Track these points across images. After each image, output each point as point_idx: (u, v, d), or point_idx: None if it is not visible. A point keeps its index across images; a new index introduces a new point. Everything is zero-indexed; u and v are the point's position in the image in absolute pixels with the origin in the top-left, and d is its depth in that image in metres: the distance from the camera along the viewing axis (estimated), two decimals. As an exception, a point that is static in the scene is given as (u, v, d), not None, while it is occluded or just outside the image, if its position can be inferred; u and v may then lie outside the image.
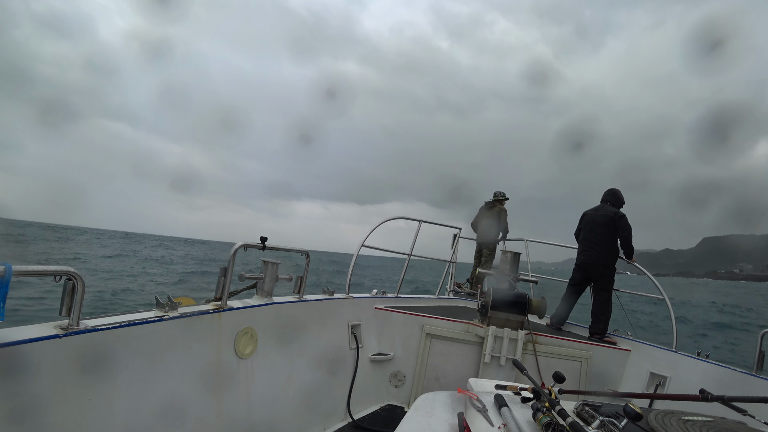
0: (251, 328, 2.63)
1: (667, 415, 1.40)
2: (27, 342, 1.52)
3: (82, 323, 1.73)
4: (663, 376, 3.56)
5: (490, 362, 3.72)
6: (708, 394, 1.39)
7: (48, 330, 1.63)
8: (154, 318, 2.04)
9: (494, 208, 7.02)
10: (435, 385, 3.81)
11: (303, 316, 3.21)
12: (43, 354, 1.57)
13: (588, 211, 4.77)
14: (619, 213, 4.55)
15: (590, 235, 4.63)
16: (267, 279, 2.91)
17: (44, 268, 1.61)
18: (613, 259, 4.53)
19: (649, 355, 3.82)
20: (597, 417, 1.24)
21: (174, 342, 2.14)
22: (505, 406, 1.42)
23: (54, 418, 1.60)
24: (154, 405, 1.98)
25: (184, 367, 2.20)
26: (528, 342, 3.79)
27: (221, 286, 2.50)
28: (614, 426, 1.17)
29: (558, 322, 4.64)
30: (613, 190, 4.71)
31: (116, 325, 1.85)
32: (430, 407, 1.69)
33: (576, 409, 1.44)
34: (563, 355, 3.83)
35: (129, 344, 1.90)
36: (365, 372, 3.73)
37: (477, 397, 1.52)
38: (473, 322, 3.96)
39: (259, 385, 2.68)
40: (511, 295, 3.95)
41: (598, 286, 4.58)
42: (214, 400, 2.35)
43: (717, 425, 1.34)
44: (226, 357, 2.47)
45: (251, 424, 2.56)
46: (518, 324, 3.82)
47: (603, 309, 4.41)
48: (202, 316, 2.31)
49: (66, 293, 1.70)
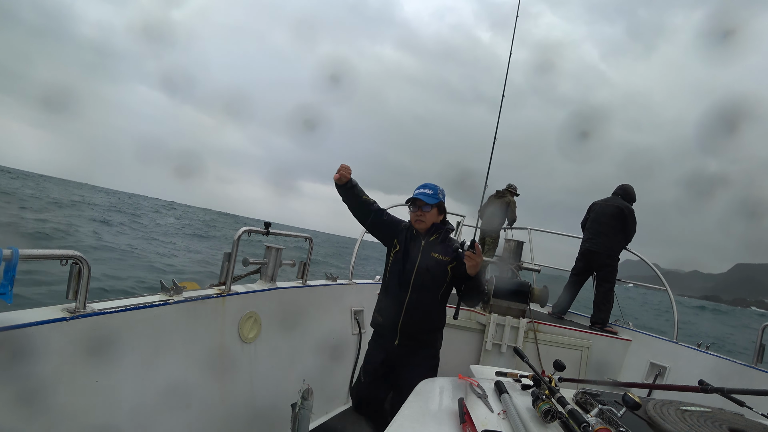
0: (255, 313, 2.65)
1: (665, 404, 1.41)
2: (34, 325, 1.54)
3: (88, 306, 1.75)
4: (663, 366, 3.58)
5: (491, 349, 3.75)
6: (707, 385, 1.40)
7: (55, 313, 1.65)
8: (159, 302, 2.06)
9: (504, 198, 6.99)
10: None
11: (306, 301, 3.23)
12: (50, 337, 1.59)
13: (597, 201, 4.74)
14: (629, 207, 4.53)
15: (596, 225, 4.61)
16: (270, 264, 2.93)
17: (51, 252, 1.62)
18: (617, 250, 4.53)
19: (649, 346, 3.83)
20: (596, 405, 1.25)
21: (178, 326, 2.17)
22: (505, 393, 1.43)
23: (61, 400, 1.63)
24: (159, 387, 2.01)
25: (189, 351, 2.23)
26: (529, 330, 3.81)
27: (225, 271, 2.52)
28: (613, 414, 1.18)
29: (560, 312, 4.65)
30: (625, 185, 4.67)
31: (122, 309, 1.87)
32: (430, 393, 1.71)
33: (575, 397, 1.46)
34: (564, 343, 3.85)
35: (134, 327, 1.93)
36: None
37: (478, 384, 1.53)
38: (475, 310, 3.98)
39: (262, 369, 2.72)
40: (513, 284, 3.96)
41: (601, 276, 4.58)
42: (217, 384, 2.39)
43: (715, 416, 1.35)
44: (229, 341, 2.50)
45: (254, 407, 2.60)
46: (520, 312, 3.84)
47: (605, 299, 4.42)
48: (206, 300, 2.34)
49: (72, 277, 1.71)
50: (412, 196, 2.45)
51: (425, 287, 2.41)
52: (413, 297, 2.40)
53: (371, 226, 2.57)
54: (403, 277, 2.42)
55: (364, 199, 2.47)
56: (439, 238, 2.49)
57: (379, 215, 2.53)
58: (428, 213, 2.44)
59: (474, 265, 2.21)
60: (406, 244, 2.48)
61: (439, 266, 2.42)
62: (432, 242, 2.47)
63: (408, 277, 2.41)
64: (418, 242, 2.47)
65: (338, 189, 2.43)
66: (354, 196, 2.45)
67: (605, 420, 1.17)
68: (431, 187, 2.47)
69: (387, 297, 2.51)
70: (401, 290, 2.42)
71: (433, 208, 2.44)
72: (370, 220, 2.51)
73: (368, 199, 2.49)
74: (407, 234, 2.51)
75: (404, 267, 2.44)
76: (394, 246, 2.52)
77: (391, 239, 2.54)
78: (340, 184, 2.40)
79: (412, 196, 2.46)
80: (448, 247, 2.47)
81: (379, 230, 2.58)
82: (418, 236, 2.48)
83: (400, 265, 2.45)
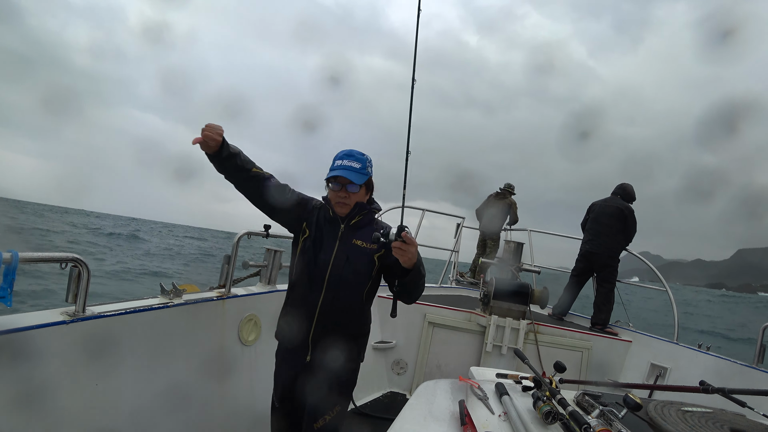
0: (255, 316, 2.65)
1: (666, 405, 1.41)
2: (34, 328, 1.54)
3: (88, 310, 1.75)
4: (663, 367, 3.57)
5: (492, 351, 3.74)
6: (708, 385, 1.40)
7: (55, 316, 1.65)
8: (159, 305, 2.06)
9: (504, 200, 6.99)
10: (437, 373, 3.84)
11: None
12: (50, 340, 1.59)
13: (597, 201, 4.74)
14: (629, 207, 4.53)
15: (597, 225, 4.61)
16: (270, 267, 2.93)
17: (50, 255, 1.62)
18: (617, 251, 4.53)
19: (649, 347, 3.83)
20: (597, 406, 1.25)
21: (178, 329, 2.17)
22: (506, 395, 1.43)
23: (62, 403, 1.63)
24: (158, 390, 2.01)
25: (189, 354, 2.22)
26: (529, 332, 3.80)
27: (225, 274, 2.52)
28: (614, 415, 1.18)
29: (560, 313, 4.65)
30: (624, 185, 4.67)
31: (122, 312, 1.87)
32: (431, 395, 1.71)
33: (576, 398, 1.46)
34: (564, 345, 3.85)
35: (134, 330, 1.93)
36: (368, 360, 3.74)
37: (478, 386, 1.53)
38: (475, 312, 3.98)
39: (262, 371, 2.71)
40: (513, 285, 3.96)
41: (601, 277, 4.57)
42: (217, 386, 2.39)
43: (716, 416, 1.35)
44: (229, 344, 2.49)
45: (254, 410, 2.59)
46: (520, 314, 3.84)
47: (605, 300, 4.42)
48: (206, 303, 2.34)
49: (72, 280, 1.71)
50: (335, 173, 1.85)
51: (344, 284, 1.86)
52: (328, 298, 1.85)
53: (270, 208, 1.91)
54: (315, 272, 1.86)
55: (254, 172, 1.85)
56: (364, 220, 1.93)
57: (280, 193, 1.91)
58: (355, 194, 1.87)
59: (408, 258, 1.68)
60: (319, 228, 1.92)
61: (362, 256, 1.87)
62: (353, 226, 1.91)
63: (321, 271, 1.85)
64: (335, 226, 1.91)
65: (211, 161, 1.77)
66: (237, 169, 1.80)
67: (606, 421, 1.17)
68: (358, 159, 1.87)
69: (294, 299, 1.96)
70: (312, 290, 1.86)
71: (361, 188, 1.88)
72: (269, 200, 1.88)
73: (261, 171, 1.87)
74: (320, 215, 1.94)
75: (316, 259, 1.87)
76: (303, 231, 1.94)
77: (298, 223, 1.95)
78: (211, 153, 1.73)
79: (334, 169, 1.86)
80: (374, 232, 1.82)
81: (281, 213, 1.94)
82: (335, 218, 1.91)
83: (311, 257, 1.88)
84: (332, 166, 1.88)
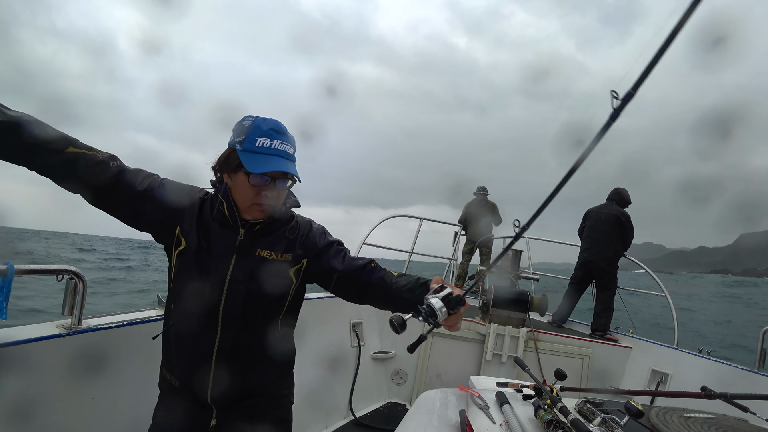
0: None
1: (668, 412, 1.40)
2: (30, 341, 1.53)
3: (84, 322, 1.74)
4: (664, 373, 3.55)
5: (492, 360, 3.72)
6: (710, 391, 1.39)
7: (51, 329, 1.64)
8: (156, 317, 2.04)
9: (489, 203, 7.02)
10: (436, 383, 3.82)
11: (304, 313, 3.20)
12: (46, 353, 1.58)
13: (593, 208, 4.75)
14: (626, 214, 4.55)
15: (594, 233, 4.62)
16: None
17: (46, 267, 1.61)
18: (616, 257, 4.53)
19: (650, 353, 3.81)
20: (598, 414, 1.24)
21: None
22: (506, 404, 1.42)
23: (58, 417, 1.61)
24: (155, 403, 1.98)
25: None
26: (529, 339, 3.79)
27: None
28: (616, 423, 1.17)
29: (560, 320, 4.64)
30: (620, 189, 4.69)
31: (118, 324, 1.85)
32: (431, 405, 1.69)
33: (577, 406, 1.45)
34: (565, 352, 3.83)
35: (131, 343, 1.91)
36: (367, 370, 3.74)
37: (479, 395, 1.52)
38: (474, 320, 3.97)
39: None
40: (512, 293, 3.95)
41: (601, 284, 4.58)
42: None
43: (718, 422, 1.34)
44: None
45: None
46: (519, 321, 3.82)
47: (605, 307, 4.42)
48: None
49: (68, 292, 1.70)
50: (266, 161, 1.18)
51: (249, 315, 1.26)
52: (226, 339, 1.24)
53: (109, 204, 1.22)
54: (201, 301, 1.22)
55: (72, 152, 1.12)
56: (276, 224, 1.33)
57: (125, 183, 1.20)
58: (284, 194, 1.29)
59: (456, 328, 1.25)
60: (204, 235, 1.26)
61: (274, 274, 1.28)
62: (258, 231, 1.29)
63: (212, 301, 1.23)
64: (229, 231, 1.27)
65: None
66: (30, 152, 1.07)
67: (608, 429, 1.16)
68: (291, 139, 1.26)
69: (179, 338, 1.29)
70: (205, 327, 1.24)
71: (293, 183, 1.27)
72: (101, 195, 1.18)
73: (90, 152, 1.15)
74: (204, 215, 1.28)
75: (203, 282, 1.23)
76: (177, 241, 1.26)
77: (166, 229, 1.27)
78: None
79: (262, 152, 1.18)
80: (289, 239, 1.33)
81: (136, 216, 1.25)
82: (230, 221, 1.27)
83: (194, 279, 1.24)
84: (253, 145, 1.17)
